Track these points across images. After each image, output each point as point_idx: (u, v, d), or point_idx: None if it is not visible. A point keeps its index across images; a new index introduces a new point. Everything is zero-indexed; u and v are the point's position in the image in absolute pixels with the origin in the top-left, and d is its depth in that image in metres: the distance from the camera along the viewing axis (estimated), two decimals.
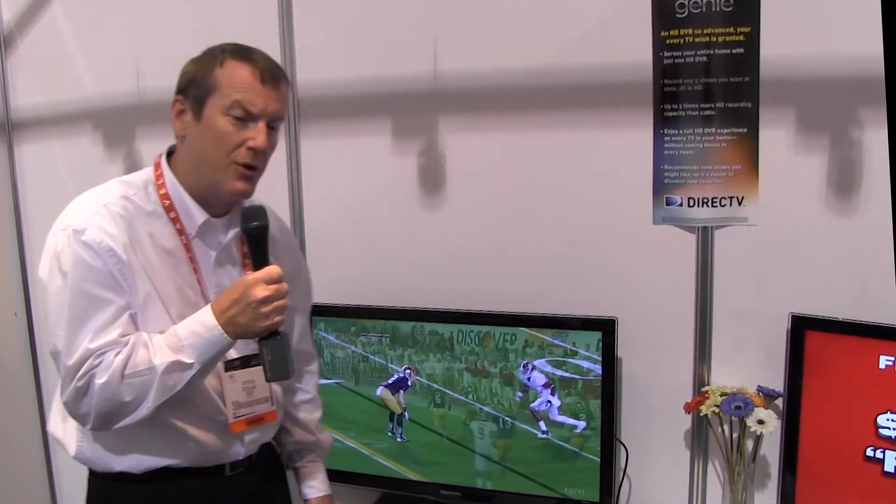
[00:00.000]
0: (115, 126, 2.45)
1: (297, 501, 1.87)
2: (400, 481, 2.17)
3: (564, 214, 2.06)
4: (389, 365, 2.13)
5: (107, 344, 1.46)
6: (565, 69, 2.00)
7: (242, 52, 1.52)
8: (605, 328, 1.95)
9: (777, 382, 1.91)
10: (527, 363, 2.02)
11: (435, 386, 2.10)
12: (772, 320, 1.91)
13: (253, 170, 1.54)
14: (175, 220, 1.56)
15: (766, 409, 1.88)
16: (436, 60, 2.08)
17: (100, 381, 1.44)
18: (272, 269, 1.49)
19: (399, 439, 2.15)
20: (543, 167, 2.06)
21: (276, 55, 2.17)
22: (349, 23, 2.16)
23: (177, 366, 1.46)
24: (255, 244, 1.51)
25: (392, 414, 2.16)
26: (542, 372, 2.01)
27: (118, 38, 2.40)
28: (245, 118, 1.50)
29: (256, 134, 1.51)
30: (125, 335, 1.48)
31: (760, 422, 1.85)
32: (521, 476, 2.06)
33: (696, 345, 1.99)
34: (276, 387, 1.70)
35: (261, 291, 1.46)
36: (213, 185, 1.55)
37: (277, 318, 1.49)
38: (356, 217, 2.24)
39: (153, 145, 2.40)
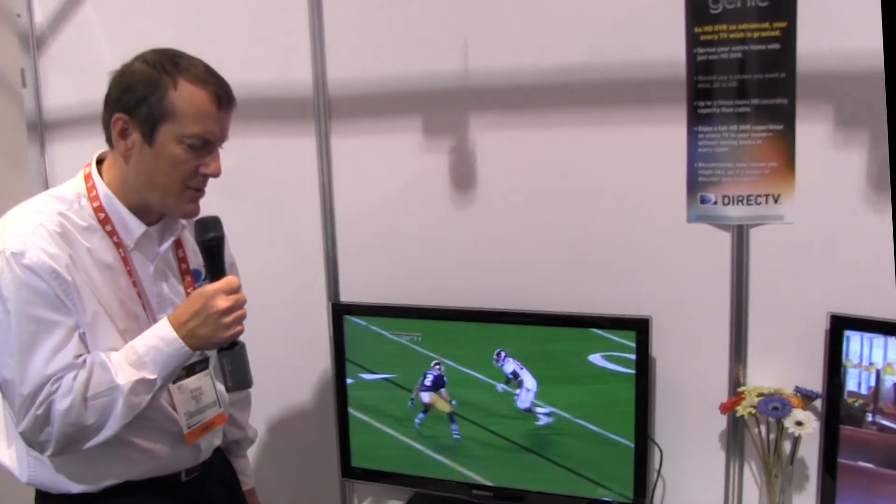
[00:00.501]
0: None
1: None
2: (432, 481, 2.16)
3: (596, 213, 2.04)
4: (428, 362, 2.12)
5: (63, 367, 1.43)
6: (597, 66, 1.98)
7: (192, 70, 1.49)
8: (639, 328, 1.92)
9: (815, 383, 1.88)
10: (499, 351, 2.03)
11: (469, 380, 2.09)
12: (809, 320, 1.88)
13: (201, 191, 1.55)
14: (112, 234, 1.54)
15: (804, 410, 1.85)
16: (466, 58, 2.06)
17: (61, 406, 1.42)
18: (231, 280, 1.49)
19: (456, 436, 2.11)
20: (575, 165, 2.04)
21: (307, 53, 2.21)
22: (379, 20, 2.15)
23: (141, 383, 1.45)
24: (212, 255, 1.51)
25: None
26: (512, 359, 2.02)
27: (149, 39, 2.38)
28: (201, 146, 1.50)
29: (211, 161, 1.52)
30: (79, 356, 1.46)
31: (799, 423, 1.82)
32: (553, 476, 2.04)
33: (731, 344, 1.96)
34: (220, 387, 1.71)
35: (222, 302, 1.46)
36: (163, 207, 1.55)
37: (238, 328, 1.49)
38: (387, 215, 2.23)
39: None
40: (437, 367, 2.10)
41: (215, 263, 1.51)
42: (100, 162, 1.59)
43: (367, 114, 2.20)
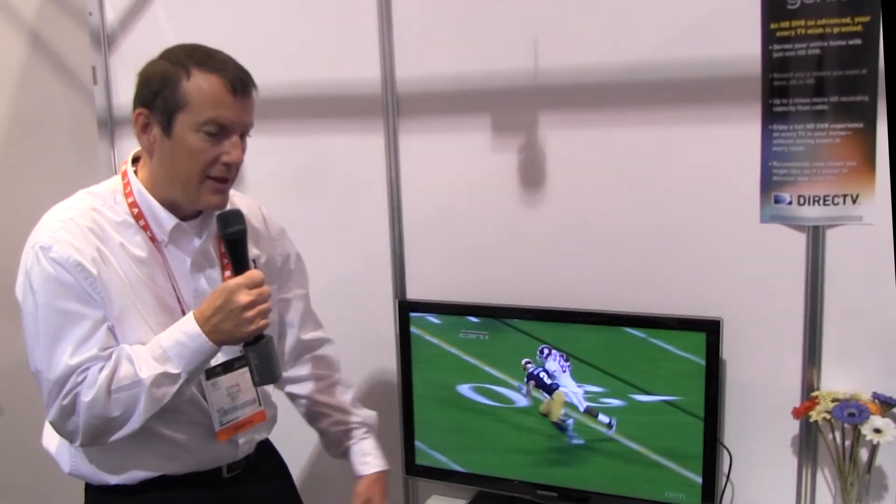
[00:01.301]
0: None
1: (309, 499, 1.93)
2: (495, 480, 2.15)
3: (667, 212, 2.01)
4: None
5: (88, 359, 1.45)
6: (669, 63, 1.95)
7: (207, 60, 1.49)
8: (710, 329, 1.89)
9: (894, 389, 1.83)
10: (542, 347, 2.03)
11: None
12: (887, 324, 1.83)
13: (226, 182, 1.54)
14: (145, 228, 1.55)
15: (882, 416, 1.80)
16: (536, 55, 2.05)
17: (86, 398, 1.44)
18: (254, 274, 1.48)
19: (577, 441, 2.06)
20: (646, 164, 2.02)
21: (375, 50, 2.22)
22: (449, 18, 2.15)
23: (164, 378, 1.46)
24: (234, 249, 1.51)
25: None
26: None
27: (219, 37, 2.40)
28: (218, 133, 1.49)
29: (231, 148, 1.50)
30: (106, 348, 1.47)
31: (877, 430, 1.77)
32: (619, 478, 2.02)
33: (805, 348, 1.92)
34: (263, 386, 1.69)
35: (244, 297, 1.45)
36: (187, 200, 1.54)
37: (262, 322, 1.48)
38: (454, 213, 2.23)
39: (251, 141, 2.43)
40: (529, 364, 2.07)
41: (238, 257, 1.51)
42: (136, 160, 1.61)
43: (436, 111, 2.21)
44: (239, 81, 1.50)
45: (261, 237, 1.75)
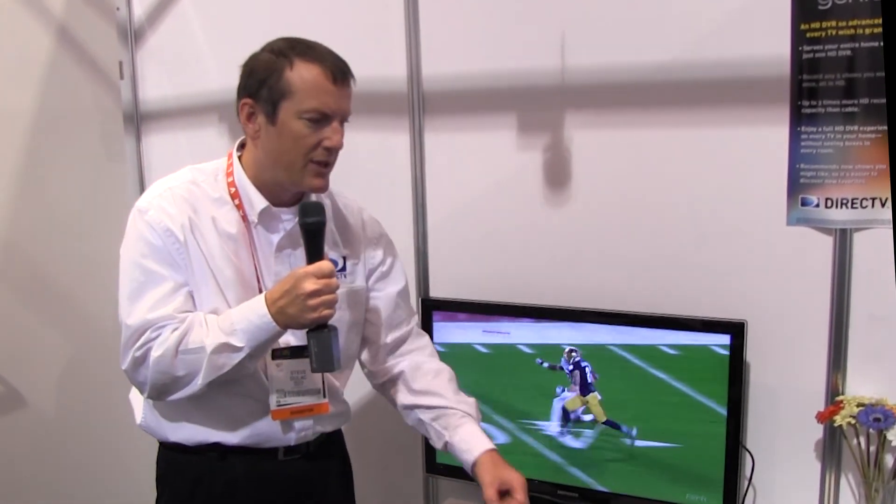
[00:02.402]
0: None
1: (362, 495, 1.94)
2: None
3: (693, 213, 2.01)
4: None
5: (164, 317, 1.56)
6: (697, 63, 1.94)
7: (308, 52, 1.58)
8: (735, 331, 1.88)
9: None
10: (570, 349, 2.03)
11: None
12: None
13: (328, 165, 1.62)
14: (239, 207, 1.64)
15: None
16: (563, 54, 2.05)
17: (155, 354, 1.54)
18: (324, 265, 1.54)
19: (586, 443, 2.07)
20: (672, 164, 2.01)
21: (402, 48, 2.23)
22: (476, 16, 2.15)
23: (226, 347, 1.54)
24: (310, 238, 1.56)
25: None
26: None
27: (246, 32, 2.42)
28: (320, 120, 1.57)
29: (332, 133, 1.58)
30: (182, 311, 1.58)
31: None
32: (640, 480, 2.02)
33: (830, 352, 1.90)
34: (335, 381, 1.75)
35: (310, 285, 1.51)
36: (291, 183, 1.63)
37: (326, 312, 1.53)
38: (479, 212, 2.23)
39: None
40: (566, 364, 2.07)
41: (313, 247, 1.56)
42: (242, 147, 1.70)
43: (462, 110, 2.21)
44: (339, 71, 1.58)
45: (354, 238, 1.80)
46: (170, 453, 1.74)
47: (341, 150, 1.61)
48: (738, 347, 1.88)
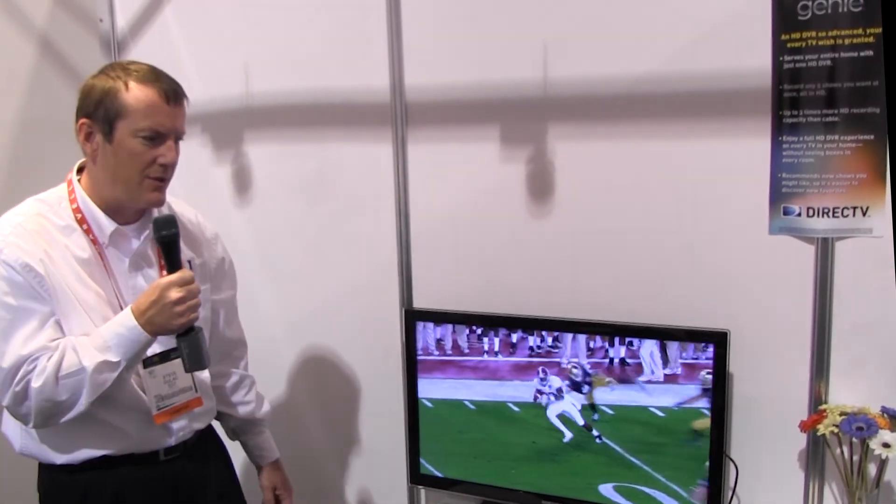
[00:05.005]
0: (223, 129, 2.49)
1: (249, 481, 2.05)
2: (500, 490, 2.15)
3: (675, 223, 2.01)
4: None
5: (38, 349, 1.61)
6: (678, 75, 1.94)
7: (142, 74, 1.68)
8: (717, 341, 1.88)
9: None
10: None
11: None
12: None
13: (163, 181, 1.71)
14: (88, 232, 1.72)
15: (891, 431, 1.78)
16: (546, 66, 2.05)
17: (36, 384, 1.59)
18: (185, 273, 1.65)
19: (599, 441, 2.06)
20: (654, 174, 2.01)
21: (384, 59, 2.22)
22: (458, 27, 2.15)
23: (105, 365, 1.61)
24: (168, 250, 1.66)
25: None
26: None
27: (227, 43, 2.44)
28: (155, 138, 1.66)
29: (166, 151, 1.68)
30: (54, 339, 1.63)
31: (886, 445, 1.76)
32: (624, 490, 2.02)
33: (812, 361, 1.91)
34: (201, 375, 1.87)
35: (175, 293, 1.61)
36: (129, 199, 1.71)
37: (192, 316, 1.64)
38: (462, 223, 2.23)
39: (261, 148, 2.49)
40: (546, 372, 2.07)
41: (171, 257, 1.66)
42: (81, 171, 1.77)
43: (445, 121, 2.20)
44: (172, 92, 1.69)
45: (196, 241, 1.92)
46: (52, 473, 1.79)
47: (176, 166, 1.72)
48: (721, 357, 1.88)
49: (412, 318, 2.18)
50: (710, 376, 1.89)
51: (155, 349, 1.74)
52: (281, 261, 2.48)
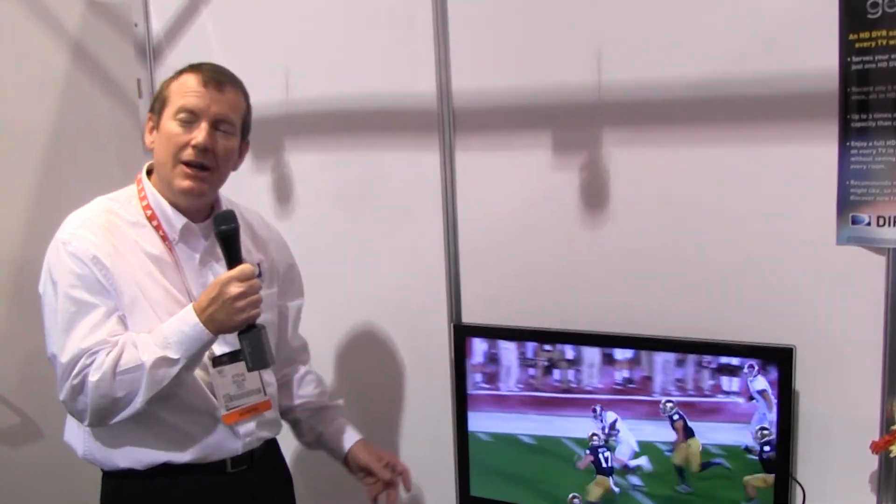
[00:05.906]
0: (262, 137, 2.44)
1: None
2: None
3: (737, 234, 1.94)
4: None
5: (97, 343, 1.62)
6: (739, 78, 1.88)
7: (193, 66, 1.74)
8: (782, 357, 1.81)
9: None
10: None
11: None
12: None
13: (203, 170, 1.71)
14: (158, 228, 1.75)
15: None
16: (600, 70, 2.00)
17: (93, 378, 1.59)
18: (245, 268, 1.65)
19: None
20: (714, 182, 1.95)
21: (430, 63, 2.19)
22: (508, 29, 2.11)
23: (163, 361, 1.61)
24: (227, 245, 1.67)
25: None
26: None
27: (267, 49, 2.44)
28: (190, 120, 1.69)
29: (198, 133, 1.68)
30: (114, 335, 1.64)
31: None
32: None
33: (884, 378, 1.82)
34: (268, 377, 1.86)
35: (235, 288, 1.61)
36: (166, 187, 1.74)
37: (253, 312, 1.65)
38: (513, 233, 2.19)
39: (301, 156, 2.48)
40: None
41: (231, 252, 1.67)
42: (150, 173, 1.81)
43: (494, 127, 2.17)
44: (211, 77, 1.72)
45: (266, 243, 1.94)
46: (115, 481, 1.78)
47: (228, 159, 1.75)
48: (786, 374, 1.81)
49: (462, 333, 2.12)
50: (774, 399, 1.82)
51: (224, 349, 1.74)
52: (322, 273, 2.42)
